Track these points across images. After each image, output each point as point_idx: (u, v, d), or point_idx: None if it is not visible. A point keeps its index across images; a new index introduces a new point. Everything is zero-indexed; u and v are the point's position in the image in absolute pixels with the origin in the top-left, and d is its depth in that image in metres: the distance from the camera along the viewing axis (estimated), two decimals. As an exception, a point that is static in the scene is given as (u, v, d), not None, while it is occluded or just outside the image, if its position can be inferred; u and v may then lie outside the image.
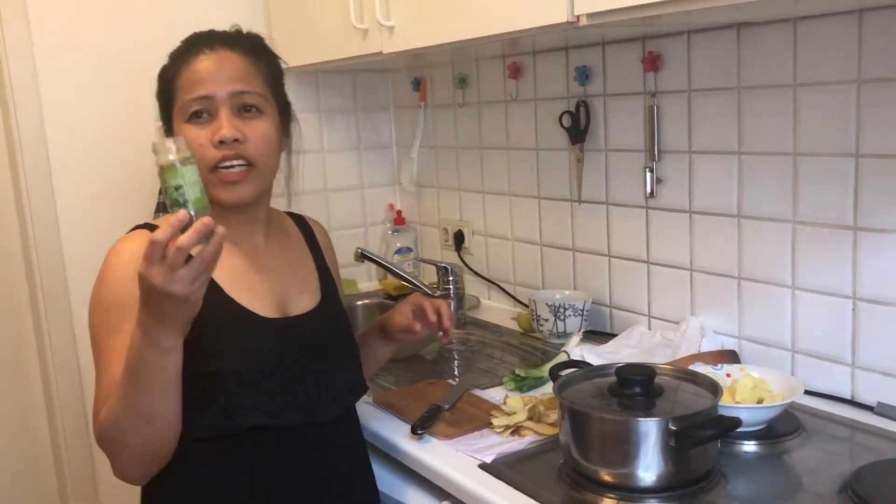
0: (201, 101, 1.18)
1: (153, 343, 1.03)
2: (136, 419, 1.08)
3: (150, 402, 1.07)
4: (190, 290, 0.99)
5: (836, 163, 1.39)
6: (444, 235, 2.38)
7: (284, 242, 1.36)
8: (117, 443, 1.11)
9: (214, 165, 1.18)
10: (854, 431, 1.34)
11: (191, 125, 1.19)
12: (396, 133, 2.50)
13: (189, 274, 0.98)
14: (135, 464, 1.14)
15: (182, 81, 1.20)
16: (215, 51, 1.21)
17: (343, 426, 1.32)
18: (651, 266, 1.76)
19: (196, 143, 1.17)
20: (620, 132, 1.78)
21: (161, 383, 1.07)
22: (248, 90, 1.20)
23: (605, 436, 1.17)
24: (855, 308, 1.40)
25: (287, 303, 1.27)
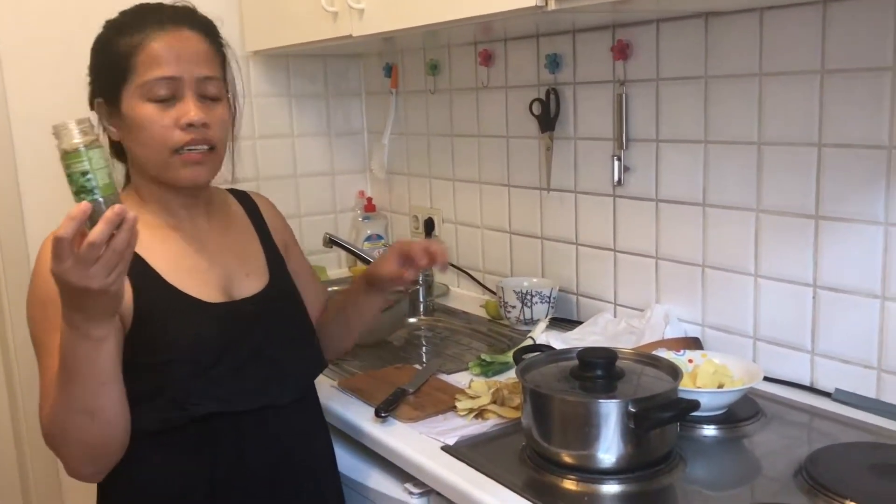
0: (169, 83, 1.14)
1: (83, 336, 0.99)
2: (78, 415, 1.04)
3: (89, 396, 1.03)
4: (107, 283, 0.93)
5: (800, 152, 1.40)
6: (415, 223, 2.37)
7: (227, 223, 1.32)
8: (62, 440, 1.08)
9: (178, 148, 1.16)
10: (812, 417, 1.36)
11: (151, 105, 1.15)
12: (368, 119, 2.49)
13: (103, 267, 0.92)
14: (83, 461, 1.11)
15: (142, 58, 1.14)
16: (179, 29, 1.17)
17: (302, 409, 1.30)
18: (617, 254, 1.77)
19: (158, 124, 1.14)
20: (590, 120, 1.78)
21: (98, 376, 1.02)
22: (211, 76, 1.18)
23: (565, 418, 1.18)
24: (815, 296, 1.42)
25: (232, 286, 1.24)
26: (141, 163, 1.20)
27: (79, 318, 0.98)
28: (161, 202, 1.22)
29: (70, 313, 0.98)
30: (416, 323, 2.07)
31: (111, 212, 0.91)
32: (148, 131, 1.15)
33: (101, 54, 1.20)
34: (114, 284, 0.94)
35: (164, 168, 1.17)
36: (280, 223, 1.41)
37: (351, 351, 1.59)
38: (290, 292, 1.33)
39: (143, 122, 1.15)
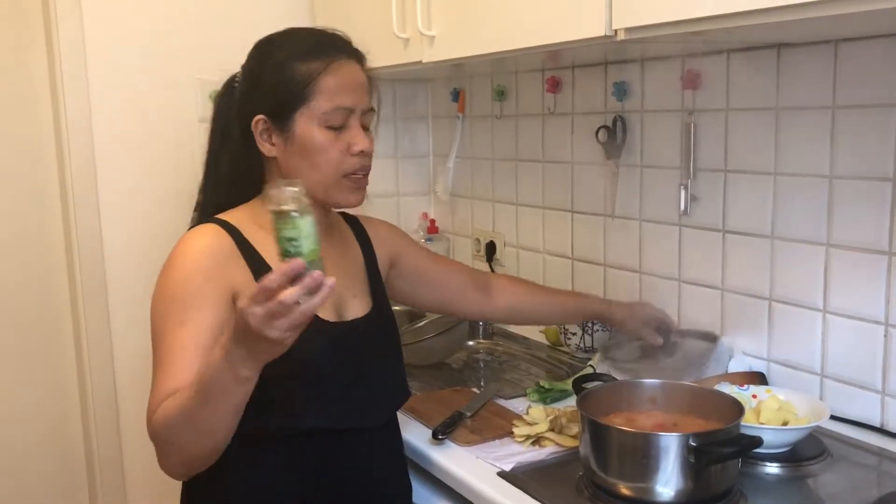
0: (344, 112, 1.22)
1: (231, 370, 1.02)
2: (194, 432, 1.09)
3: (212, 420, 1.08)
4: (283, 336, 0.97)
5: (873, 187, 1.37)
6: (477, 246, 2.39)
7: (341, 245, 1.38)
8: (169, 444, 1.12)
9: (348, 173, 1.24)
10: (881, 459, 1.32)
11: (327, 131, 1.22)
12: (434, 143, 2.52)
13: (287, 323, 0.96)
14: (181, 465, 1.15)
15: (325, 84, 1.21)
16: (350, 61, 1.26)
17: (389, 434, 1.35)
18: (682, 284, 1.75)
19: (335, 149, 1.22)
20: (656, 149, 1.78)
21: (228, 407, 1.07)
22: (373, 108, 1.29)
23: (624, 449, 1.17)
24: (887, 334, 1.38)
25: (343, 306, 1.29)
26: (303, 178, 1.22)
27: (237, 355, 1.01)
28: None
29: (232, 347, 1.01)
30: (475, 346, 2.08)
31: (310, 278, 0.95)
32: (324, 156, 1.22)
33: (276, 75, 1.24)
34: (288, 339, 0.99)
35: (332, 189, 1.24)
36: (385, 235, 1.47)
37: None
38: (390, 317, 1.39)
39: (319, 146, 1.22)
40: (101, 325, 2.08)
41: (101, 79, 2.02)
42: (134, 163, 2.08)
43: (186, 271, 1.18)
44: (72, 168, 2.01)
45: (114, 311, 2.08)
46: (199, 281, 1.16)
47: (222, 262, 1.19)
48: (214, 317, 1.16)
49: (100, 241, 2.06)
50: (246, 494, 1.22)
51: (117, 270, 2.07)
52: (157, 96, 2.09)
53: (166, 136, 2.10)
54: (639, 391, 1.31)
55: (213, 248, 1.20)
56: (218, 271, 1.18)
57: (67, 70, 1.98)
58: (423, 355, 1.89)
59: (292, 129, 1.22)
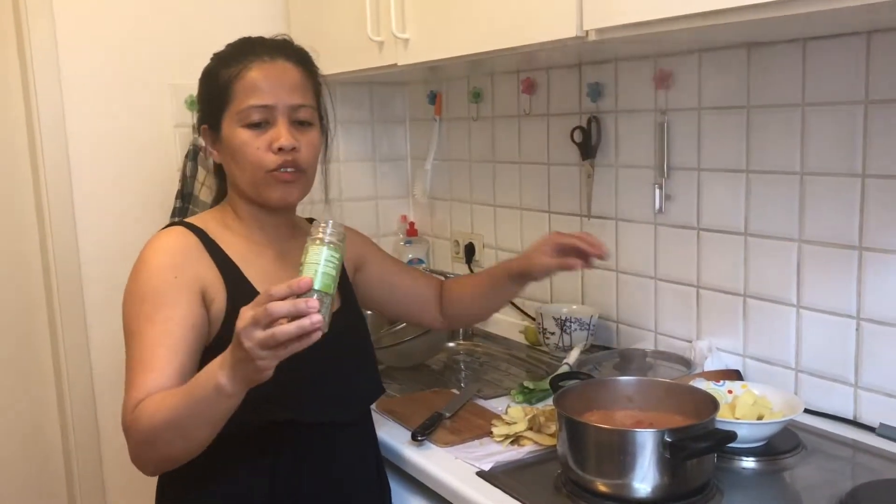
0: (262, 110, 1.23)
1: (217, 382, 1.02)
2: (174, 433, 1.09)
3: (195, 428, 1.08)
4: (254, 353, 0.96)
5: (843, 182, 1.39)
6: (456, 248, 2.39)
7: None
8: (148, 444, 1.12)
9: (270, 169, 1.23)
10: (855, 451, 1.34)
11: (247, 130, 1.23)
12: (411, 145, 2.53)
13: (261, 338, 0.95)
14: (156, 463, 1.16)
15: (240, 87, 1.24)
16: (274, 60, 1.26)
17: (360, 431, 1.36)
18: (658, 282, 1.77)
19: (253, 146, 1.23)
20: (631, 148, 1.79)
21: (210, 419, 1.07)
22: (303, 104, 1.26)
23: (601, 446, 1.18)
24: (859, 328, 1.40)
25: None
26: (238, 183, 1.28)
27: (225, 364, 1.02)
28: (254, 219, 1.30)
29: (227, 355, 1.02)
30: (455, 347, 2.08)
31: (304, 303, 0.95)
32: (244, 154, 1.24)
33: (207, 84, 1.30)
34: (259, 360, 0.97)
35: (258, 186, 1.25)
36: (351, 239, 1.44)
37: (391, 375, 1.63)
38: (359, 317, 1.41)
39: (239, 145, 1.24)
40: (78, 330, 2.06)
41: (75, 83, 2.01)
42: (109, 167, 2.07)
43: (155, 270, 1.20)
44: (46, 173, 2.00)
45: (91, 315, 2.07)
46: (168, 278, 1.18)
47: (189, 260, 1.22)
48: (186, 312, 1.17)
49: (75, 245, 2.05)
50: (218, 486, 1.22)
51: (93, 275, 2.05)
52: (132, 101, 2.07)
53: (141, 141, 2.09)
54: (615, 389, 1.32)
55: (179, 246, 1.23)
56: (186, 268, 1.20)
57: (40, 75, 1.97)
58: (403, 357, 1.90)
59: (222, 133, 1.26)
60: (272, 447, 1.23)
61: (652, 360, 1.66)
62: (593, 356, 1.74)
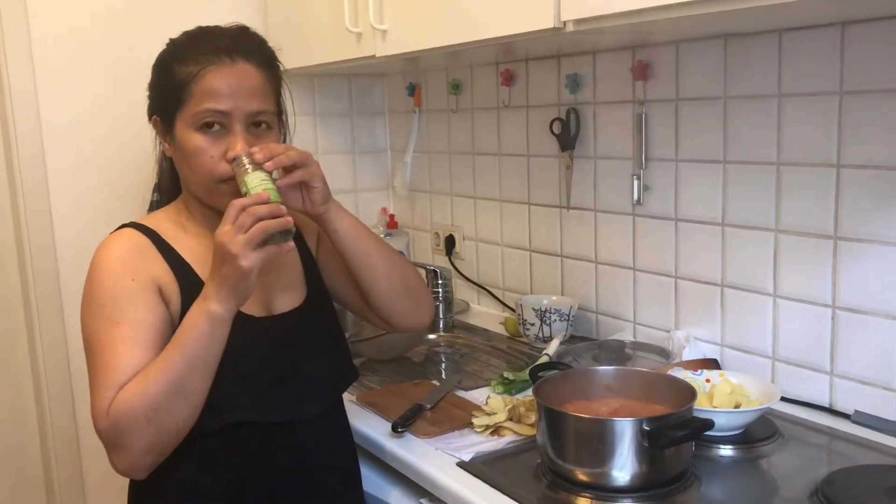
0: (219, 115, 1.18)
1: (207, 311, 1.10)
2: (176, 395, 1.09)
3: (194, 378, 1.10)
4: (243, 253, 1.06)
5: (818, 173, 1.40)
6: (436, 240, 2.39)
7: None
8: (145, 422, 1.09)
9: (224, 179, 1.19)
10: (830, 438, 1.35)
11: (201, 135, 1.19)
12: (391, 138, 2.52)
13: (247, 238, 1.06)
14: (151, 449, 1.12)
15: (198, 89, 1.18)
16: (235, 62, 1.19)
17: (331, 424, 1.33)
18: (637, 273, 1.78)
19: (206, 154, 1.18)
20: (609, 140, 1.80)
21: (209, 359, 1.11)
22: (263, 109, 1.21)
23: (580, 435, 1.18)
24: (834, 317, 1.41)
25: (271, 300, 1.28)
26: (188, 185, 1.25)
27: (211, 288, 1.10)
28: (207, 218, 1.26)
29: (209, 282, 1.11)
30: (436, 339, 2.08)
31: (276, 206, 1.10)
32: (196, 160, 1.20)
33: (161, 76, 1.24)
34: (247, 259, 1.07)
35: (209, 194, 1.22)
36: (307, 221, 1.43)
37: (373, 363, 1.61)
38: (325, 306, 1.37)
39: (192, 150, 1.19)
40: (56, 327, 2.04)
41: (49, 76, 1.98)
42: (85, 161, 2.05)
43: (110, 275, 1.18)
44: (21, 168, 1.97)
45: (69, 312, 2.04)
46: (126, 283, 1.16)
47: (142, 261, 1.20)
48: (147, 314, 1.16)
49: (52, 241, 2.03)
50: (190, 491, 1.21)
51: (71, 271, 2.03)
52: (107, 93, 2.05)
53: (117, 134, 2.06)
54: (594, 378, 1.32)
55: (130, 248, 1.21)
56: (140, 270, 1.18)
57: (14, 68, 1.94)
58: (383, 350, 1.89)
59: (175, 132, 1.22)
60: (241, 448, 1.22)
61: (631, 351, 1.67)
62: (573, 347, 1.75)
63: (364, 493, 1.39)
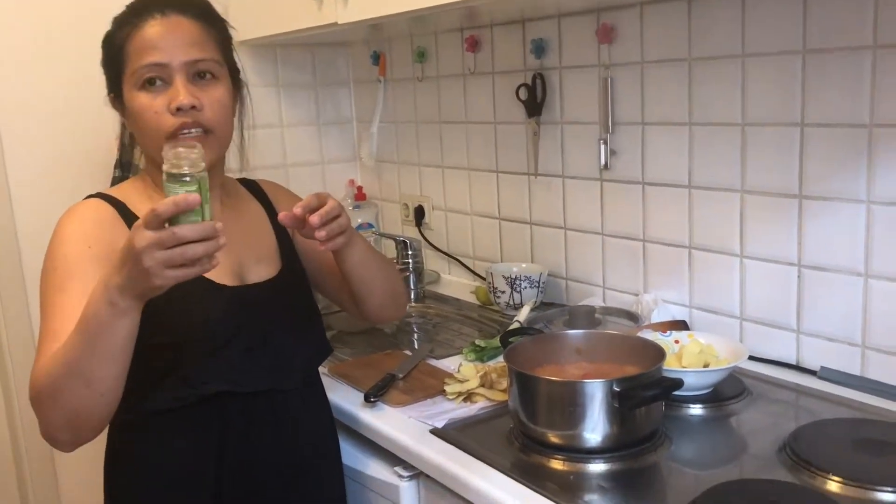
0: (155, 69, 1.17)
1: (109, 299, 0.99)
2: (76, 379, 1.03)
3: (93, 364, 1.02)
4: (156, 271, 0.95)
5: (783, 132, 1.41)
6: (405, 211, 2.38)
7: (240, 211, 1.34)
8: (50, 399, 1.06)
9: (172, 133, 1.17)
10: (798, 395, 1.37)
11: (144, 93, 1.17)
12: (356, 108, 2.49)
13: (166, 257, 0.94)
14: (64, 426, 1.08)
15: (133, 47, 1.18)
16: (166, 15, 1.18)
17: (308, 395, 1.33)
18: (605, 238, 1.78)
19: (151, 110, 1.17)
20: (576, 105, 1.79)
21: (109, 347, 1.01)
22: (203, 57, 1.19)
23: (551, 398, 1.19)
24: (800, 275, 1.43)
25: (244, 271, 1.27)
26: (145, 150, 1.23)
27: (114, 279, 0.98)
28: None
29: (112, 270, 0.99)
30: (407, 310, 2.08)
31: (210, 225, 0.95)
32: (143, 118, 1.18)
33: (106, 49, 1.23)
34: (160, 278, 0.96)
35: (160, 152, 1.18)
36: (285, 196, 1.42)
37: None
38: (300, 279, 1.35)
39: (138, 109, 1.18)
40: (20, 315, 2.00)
41: (2, 56, 1.93)
42: (43, 140, 1.99)
43: (67, 239, 1.15)
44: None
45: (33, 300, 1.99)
46: (81, 248, 1.13)
47: (104, 231, 1.16)
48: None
49: (13, 226, 1.98)
50: (168, 465, 1.20)
51: (34, 258, 1.98)
52: (64, 70, 1.99)
53: (76, 112, 2.01)
54: (564, 342, 1.33)
55: (93, 217, 1.18)
56: (100, 239, 1.15)
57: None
58: (355, 321, 1.88)
59: (124, 98, 1.20)
60: (217, 420, 1.20)
61: (600, 316, 1.68)
62: (543, 314, 1.75)
63: (342, 464, 1.39)
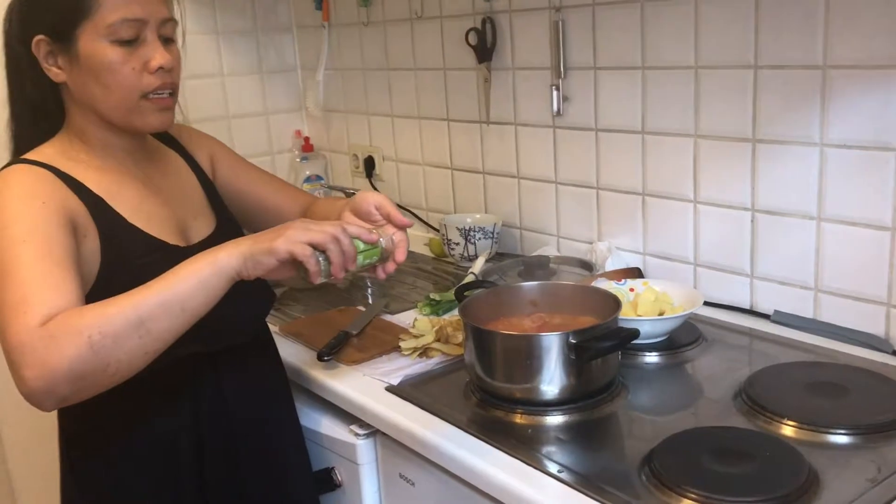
0: (135, 25, 1.09)
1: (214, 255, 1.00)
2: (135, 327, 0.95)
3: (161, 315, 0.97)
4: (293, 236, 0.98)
5: (736, 75, 1.39)
6: (355, 162, 2.32)
7: (165, 166, 1.28)
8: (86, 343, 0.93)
9: (147, 92, 1.12)
10: (752, 339, 1.38)
11: (117, 47, 1.09)
12: (300, 55, 2.40)
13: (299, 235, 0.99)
14: (75, 378, 0.94)
15: None
16: None
17: (262, 346, 1.32)
18: (559, 186, 1.76)
19: (127, 67, 1.10)
20: (527, 50, 1.74)
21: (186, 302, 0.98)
22: (170, 17, 1.15)
23: (507, 352, 1.17)
24: (754, 220, 1.42)
25: (187, 229, 1.22)
26: (99, 107, 1.13)
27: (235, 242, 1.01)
28: (108, 147, 1.17)
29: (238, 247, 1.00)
30: (360, 264, 2.04)
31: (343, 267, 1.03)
32: (116, 75, 1.10)
33: None
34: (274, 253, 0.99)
35: (131, 113, 1.13)
36: (197, 138, 1.36)
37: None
38: (237, 231, 1.31)
39: (110, 65, 1.10)
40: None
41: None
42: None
43: (14, 198, 1.04)
44: None
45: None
46: (35, 204, 1.03)
47: (49, 190, 1.07)
48: (63, 236, 1.03)
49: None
50: (129, 433, 1.16)
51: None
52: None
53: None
54: (519, 294, 1.31)
55: (34, 177, 1.08)
56: (52, 195, 1.06)
57: None
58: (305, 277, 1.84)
59: (77, 47, 1.09)
60: (189, 380, 1.18)
61: (555, 266, 1.66)
62: (498, 265, 1.73)
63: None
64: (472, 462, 1.06)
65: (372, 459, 1.29)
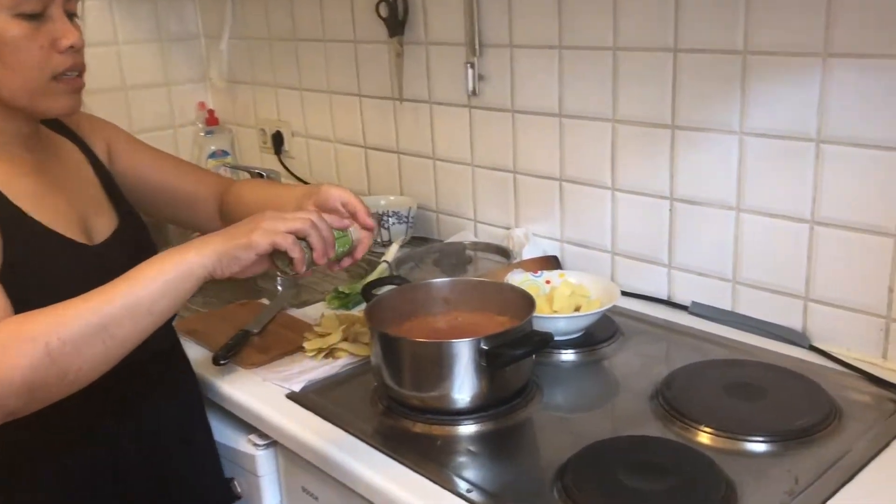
0: None
1: (182, 254, 0.93)
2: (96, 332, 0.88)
3: (125, 319, 0.90)
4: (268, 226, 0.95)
5: (655, 58, 1.33)
6: (263, 137, 2.19)
7: (60, 156, 1.16)
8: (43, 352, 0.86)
9: (58, 73, 1.01)
10: (669, 333, 1.34)
11: (22, 21, 0.97)
12: (203, 22, 2.24)
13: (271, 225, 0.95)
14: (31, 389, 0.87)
15: None
16: None
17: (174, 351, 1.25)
18: (475, 169, 1.68)
19: (35, 45, 0.98)
20: (441, 23, 1.64)
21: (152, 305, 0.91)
22: None
23: (415, 359, 1.10)
24: (672, 208, 1.38)
25: (89, 225, 1.11)
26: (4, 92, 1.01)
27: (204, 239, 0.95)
28: (3, 133, 1.04)
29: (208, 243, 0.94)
30: (268, 248, 1.93)
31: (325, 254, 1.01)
32: (21, 54, 0.98)
33: None
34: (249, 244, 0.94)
35: (38, 95, 1.01)
36: (91, 125, 1.24)
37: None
38: (140, 225, 1.22)
39: (13, 42, 0.98)
40: None
41: None
42: None
43: None
44: None
45: None
46: None
47: None
48: None
49: None
50: (45, 440, 1.06)
51: None
52: None
53: None
54: (430, 292, 1.23)
55: None
56: None
57: None
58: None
59: None
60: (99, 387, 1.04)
61: (472, 253, 1.59)
62: (413, 252, 1.65)
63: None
64: (375, 480, 0.99)
65: (273, 471, 1.21)
